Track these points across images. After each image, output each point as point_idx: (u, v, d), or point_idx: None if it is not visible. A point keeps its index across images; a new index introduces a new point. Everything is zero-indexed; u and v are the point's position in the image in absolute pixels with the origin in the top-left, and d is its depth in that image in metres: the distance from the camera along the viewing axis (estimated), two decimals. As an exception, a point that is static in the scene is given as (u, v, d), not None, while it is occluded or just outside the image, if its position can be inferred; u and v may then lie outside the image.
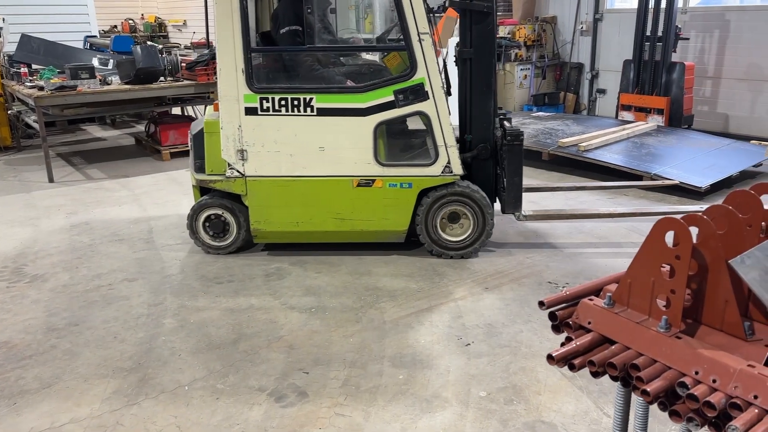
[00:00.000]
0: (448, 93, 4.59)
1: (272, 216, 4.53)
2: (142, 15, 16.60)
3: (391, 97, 4.33)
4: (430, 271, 4.44)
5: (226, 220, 4.67)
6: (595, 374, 1.47)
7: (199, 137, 4.54)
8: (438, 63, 4.36)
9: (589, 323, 1.53)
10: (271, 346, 3.49)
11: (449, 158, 4.44)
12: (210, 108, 4.90)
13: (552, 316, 1.56)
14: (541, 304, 1.54)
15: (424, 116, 4.41)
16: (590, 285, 1.63)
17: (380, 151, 4.43)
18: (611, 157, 6.70)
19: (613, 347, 1.47)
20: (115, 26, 15.25)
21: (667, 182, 5.97)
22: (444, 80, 4.50)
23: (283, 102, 4.30)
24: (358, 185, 4.45)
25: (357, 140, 4.39)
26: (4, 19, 8.79)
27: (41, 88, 6.98)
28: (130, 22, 15.62)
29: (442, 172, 4.47)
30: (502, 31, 10.50)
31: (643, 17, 8.07)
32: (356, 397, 3.01)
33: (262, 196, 4.48)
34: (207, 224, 4.68)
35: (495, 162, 4.70)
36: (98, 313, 3.87)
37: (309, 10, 4.18)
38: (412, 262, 4.59)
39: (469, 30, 4.53)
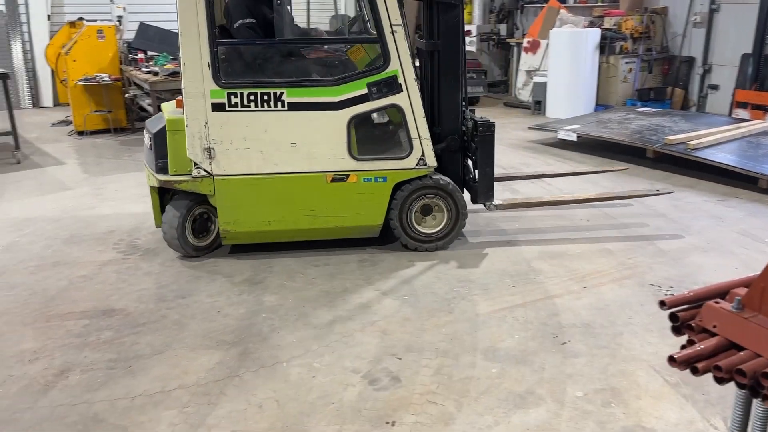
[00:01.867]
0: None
1: (242, 216, 4.32)
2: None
3: (365, 90, 4.23)
4: (525, 267, 4.36)
5: (210, 218, 4.53)
6: (720, 380, 1.40)
7: (160, 136, 4.26)
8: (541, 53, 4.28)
9: (714, 327, 1.45)
10: (365, 330, 3.56)
11: (423, 151, 4.39)
12: (169, 104, 4.68)
13: (673, 317, 1.50)
14: (662, 303, 1.48)
15: (398, 109, 4.32)
16: (716, 287, 1.55)
17: (354, 145, 4.32)
18: (723, 156, 6.32)
19: (741, 354, 1.39)
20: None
21: (619, 168, 6.19)
22: (416, 72, 4.42)
23: (252, 97, 4.12)
24: (332, 180, 4.33)
25: (330, 135, 4.26)
26: (125, 9, 9.39)
27: (156, 74, 7.42)
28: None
29: (417, 165, 4.41)
30: (608, 23, 10.11)
31: (766, 8, 7.52)
32: (448, 387, 3.01)
33: (231, 195, 4.27)
34: (193, 225, 4.47)
35: (462, 154, 4.67)
36: (204, 288, 4.08)
37: (278, 2, 4.08)
38: (507, 257, 4.53)
39: (436, 22, 4.48)
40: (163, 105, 4.69)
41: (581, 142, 7.79)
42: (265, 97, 4.13)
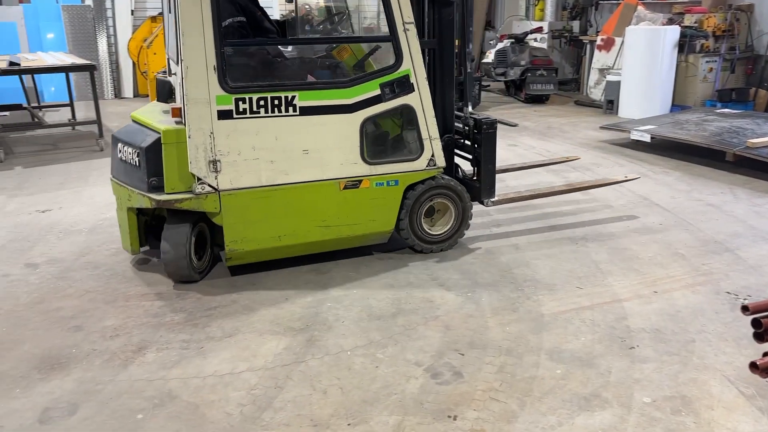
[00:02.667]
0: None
1: (251, 233, 3.95)
2: (318, 1, 17.48)
3: (378, 91, 4.05)
4: (594, 269, 4.28)
5: (204, 238, 4.17)
6: (804, 391, 1.34)
7: (153, 150, 3.78)
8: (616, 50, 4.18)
9: (800, 335, 1.40)
10: (428, 324, 3.58)
11: (433, 151, 4.28)
12: (144, 112, 4.26)
13: (756, 323, 1.45)
14: (744, 309, 1.43)
15: (409, 109, 4.18)
16: (803, 295, 1.48)
17: (366, 149, 4.12)
18: (811, 162, 5.98)
19: (829, 364, 1.33)
20: (293, 11, 16.24)
21: (571, 158, 6.25)
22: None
23: (261, 102, 3.77)
24: (345, 188, 4.08)
25: (343, 139, 4.04)
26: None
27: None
28: (306, 7, 16.54)
29: (427, 166, 4.29)
30: (688, 20, 9.72)
31: None
32: (512, 385, 3.00)
33: (239, 211, 3.89)
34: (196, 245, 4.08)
35: (453, 152, 4.72)
36: (272, 276, 4.19)
37: None
38: (575, 258, 4.45)
39: (431, 20, 4.45)
40: (137, 113, 4.28)
41: (655, 144, 7.54)
42: (276, 102, 3.82)
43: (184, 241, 3.89)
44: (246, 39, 4.21)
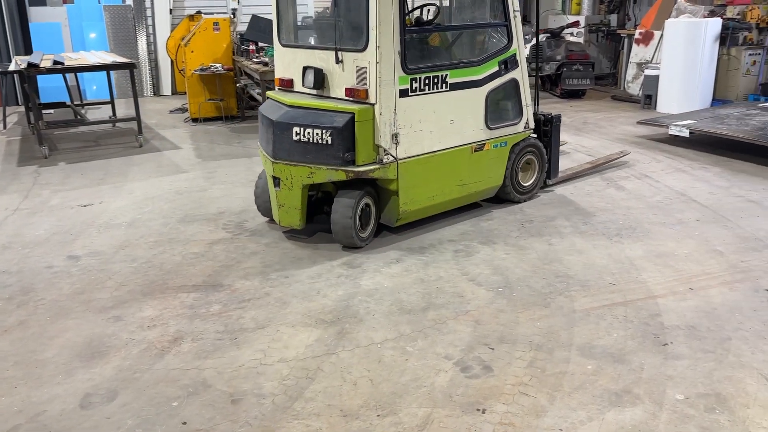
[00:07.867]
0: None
1: (416, 195, 4.72)
2: None
3: (497, 68, 5.00)
4: (627, 265, 4.22)
5: (371, 211, 4.67)
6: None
7: (346, 129, 4.34)
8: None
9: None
10: (458, 318, 3.59)
11: (528, 116, 5.31)
12: (284, 95, 4.78)
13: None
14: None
15: (515, 82, 5.17)
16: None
17: (487, 116, 5.01)
18: None
19: None
20: (327, 8, 16.29)
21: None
22: None
23: (426, 81, 4.57)
24: (475, 150, 4.98)
25: (475, 109, 4.92)
26: (239, 2, 9.84)
27: (266, 64, 7.73)
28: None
29: (524, 128, 5.32)
30: (730, 12, 9.46)
31: None
32: (541, 380, 2.99)
33: (410, 176, 4.62)
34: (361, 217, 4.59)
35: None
36: (305, 269, 4.26)
37: None
38: (609, 254, 4.40)
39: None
40: (290, 99, 4.68)
41: (694, 139, 7.37)
42: (435, 80, 4.63)
43: (351, 210, 4.44)
44: (423, 26, 5.08)
